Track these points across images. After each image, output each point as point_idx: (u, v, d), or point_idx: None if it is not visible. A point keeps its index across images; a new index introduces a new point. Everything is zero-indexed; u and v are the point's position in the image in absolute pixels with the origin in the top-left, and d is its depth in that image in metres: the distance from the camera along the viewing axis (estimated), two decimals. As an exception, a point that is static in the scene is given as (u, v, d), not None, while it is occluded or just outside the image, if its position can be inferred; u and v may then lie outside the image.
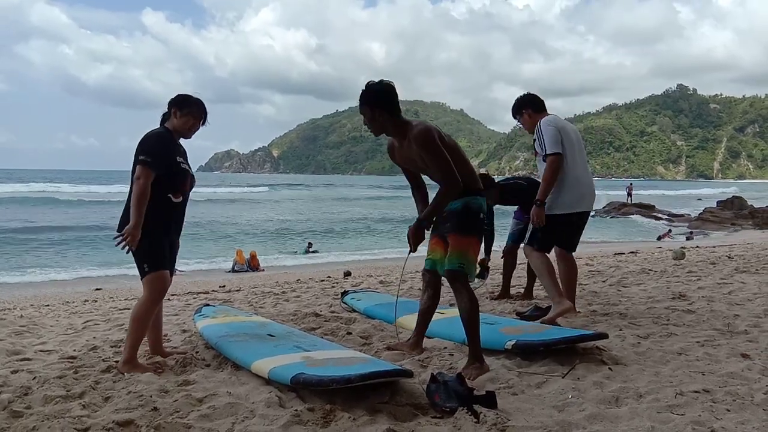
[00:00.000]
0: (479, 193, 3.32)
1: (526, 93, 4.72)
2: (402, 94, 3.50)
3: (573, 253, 4.63)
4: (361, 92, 3.27)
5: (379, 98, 3.23)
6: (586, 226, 4.60)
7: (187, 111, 3.44)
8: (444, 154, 3.14)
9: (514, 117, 4.73)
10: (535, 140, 4.44)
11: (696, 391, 2.74)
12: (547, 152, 4.26)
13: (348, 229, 23.72)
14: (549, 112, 4.59)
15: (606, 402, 2.67)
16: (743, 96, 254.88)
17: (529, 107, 4.59)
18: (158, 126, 3.51)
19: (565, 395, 2.76)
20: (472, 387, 2.80)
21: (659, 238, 19.53)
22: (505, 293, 5.57)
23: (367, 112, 3.27)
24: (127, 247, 3.24)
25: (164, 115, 3.53)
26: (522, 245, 4.73)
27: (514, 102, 4.70)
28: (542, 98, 4.63)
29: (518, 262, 5.61)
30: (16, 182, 54.70)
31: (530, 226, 4.43)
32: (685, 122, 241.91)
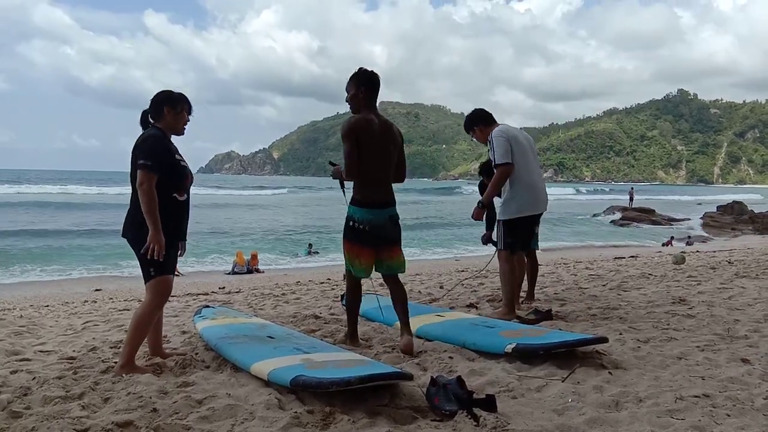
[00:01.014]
0: (359, 203, 3.74)
1: (475, 110, 5.01)
2: (403, 97, 3.72)
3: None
4: (354, 72, 3.81)
5: (368, 80, 3.78)
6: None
7: (181, 108, 3.46)
8: (347, 150, 3.64)
9: (468, 132, 5.04)
10: (489, 151, 4.69)
11: (696, 396, 2.74)
12: (497, 162, 4.55)
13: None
14: (501, 122, 4.85)
15: (606, 406, 2.66)
16: (744, 101, 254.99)
17: (480, 123, 4.89)
18: (141, 126, 3.48)
19: (564, 399, 2.76)
20: (472, 390, 2.80)
21: (664, 245, 19.37)
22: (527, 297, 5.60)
23: (353, 88, 3.78)
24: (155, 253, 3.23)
25: (147, 114, 3.47)
26: (497, 249, 4.93)
27: (466, 119, 5.02)
28: (490, 112, 4.93)
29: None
30: (14, 184, 54.60)
31: (497, 233, 4.76)
32: (686, 127, 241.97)
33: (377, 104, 3.81)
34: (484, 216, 5.68)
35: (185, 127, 3.52)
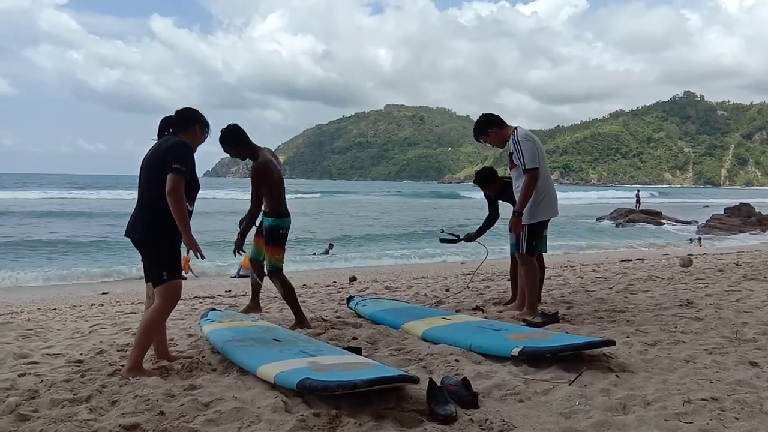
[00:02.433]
0: (284, 215, 4.64)
1: (484, 114, 5.01)
2: (408, 100, 3.76)
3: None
4: (220, 138, 4.45)
5: (234, 136, 4.50)
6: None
7: (207, 129, 3.67)
8: (256, 186, 4.44)
9: (479, 138, 5.01)
10: (511, 153, 4.70)
11: (704, 399, 2.73)
12: (527, 167, 4.57)
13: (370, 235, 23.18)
14: (515, 123, 4.87)
15: (613, 409, 2.66)
16: (751, 103, 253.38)
17: (493, 125, 4.89)
18: (159, 132, 3.54)
19: (571, 402, 2.75)
20: (477, 392, 2.80)
21: (690, 242, 19.30)
22: (514, 299, 5.56)
23: (231, 149, 4.52)
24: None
25: (167, 122, 3.53)
26: (517, 253, 4.95)
27: (476, 124, 5.00)
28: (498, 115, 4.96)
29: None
30: (21, 190, 54.76)
31: (522, 236, 4.75)
32: (693, 129, 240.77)
33: None
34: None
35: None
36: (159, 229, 3.34)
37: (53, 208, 33.07)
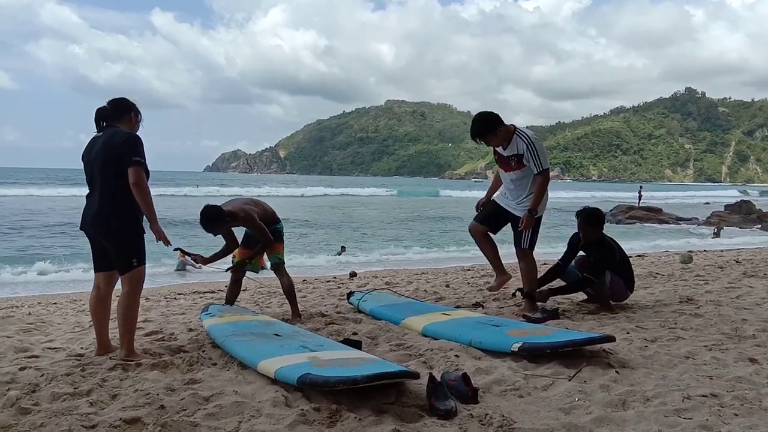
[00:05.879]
0: (276, 222, 4.96)
1: (483, 115, 4.73)
2: (409, 96, 3.72)
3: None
4: (202, 225, 4.48)
5: (212, 221, 4.46)
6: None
7: (140, 117, 3.78)
8: (252, 223, 4.65)
9: (487, 137, 4.69)
10: (520, 155, 4.59)
11: (703, 395, 2.73)
12: (544, 167, 4.64)
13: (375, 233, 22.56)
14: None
15: (613, 405, 2.66)
16: (752, 99, 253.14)
17: (500, 124, 4.69)
18: (98, 122, 3.64)
19: (571, 398, 2.75)
20: (477, 387, 2.81)
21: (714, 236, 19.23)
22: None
23: (220, 230, 4.61)
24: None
25: (103, 112, 3.63)
26: (519, 249, 4.84)
27: (480, 125, 4.68)
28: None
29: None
30: (23, 186, 54.58)
31: (526, 232, 4.72)
32: (693, 125, 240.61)
33: None
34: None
35: None
36: (125, 220, 3.49)
37: (54, 205, 33.10)
